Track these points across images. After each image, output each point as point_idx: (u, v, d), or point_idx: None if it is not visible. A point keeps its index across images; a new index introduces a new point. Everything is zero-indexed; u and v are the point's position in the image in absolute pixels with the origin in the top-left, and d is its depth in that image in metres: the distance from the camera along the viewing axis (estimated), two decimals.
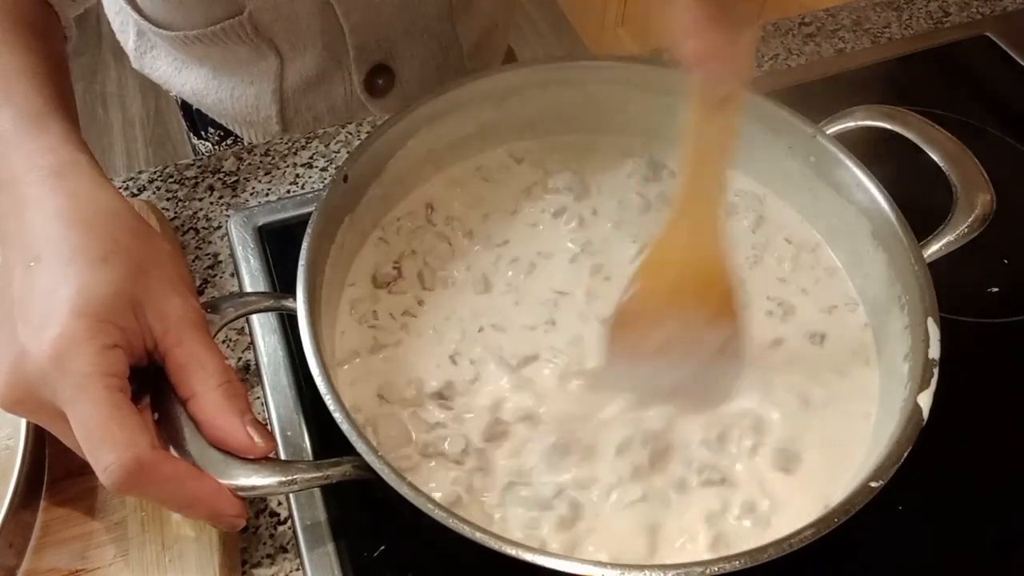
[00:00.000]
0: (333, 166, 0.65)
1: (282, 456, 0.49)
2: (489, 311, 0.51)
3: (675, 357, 0.46)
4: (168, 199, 0.63)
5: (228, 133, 0.80)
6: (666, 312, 0.46)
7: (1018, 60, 0.76)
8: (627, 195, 0.57)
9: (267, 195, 0.63)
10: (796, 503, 0.44)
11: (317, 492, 0.47)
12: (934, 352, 0.43)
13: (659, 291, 0.47)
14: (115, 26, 0.78)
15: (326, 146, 0.66)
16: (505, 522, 0.43)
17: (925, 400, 0.41)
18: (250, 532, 0.47)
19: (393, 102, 0.76)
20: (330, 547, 0.45)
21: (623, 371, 0.47)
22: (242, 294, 0.55)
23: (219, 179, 0.64)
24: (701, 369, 0.46)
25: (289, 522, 0.47)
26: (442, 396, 0.47)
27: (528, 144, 0.59)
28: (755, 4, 0.40)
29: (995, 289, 0.59)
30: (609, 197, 0.57)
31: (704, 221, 0.45)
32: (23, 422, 0.45)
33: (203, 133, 0.82)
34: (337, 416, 0.39)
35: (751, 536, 0.42)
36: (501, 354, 0.48)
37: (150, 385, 0.41)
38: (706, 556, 0.41)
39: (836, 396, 0.48)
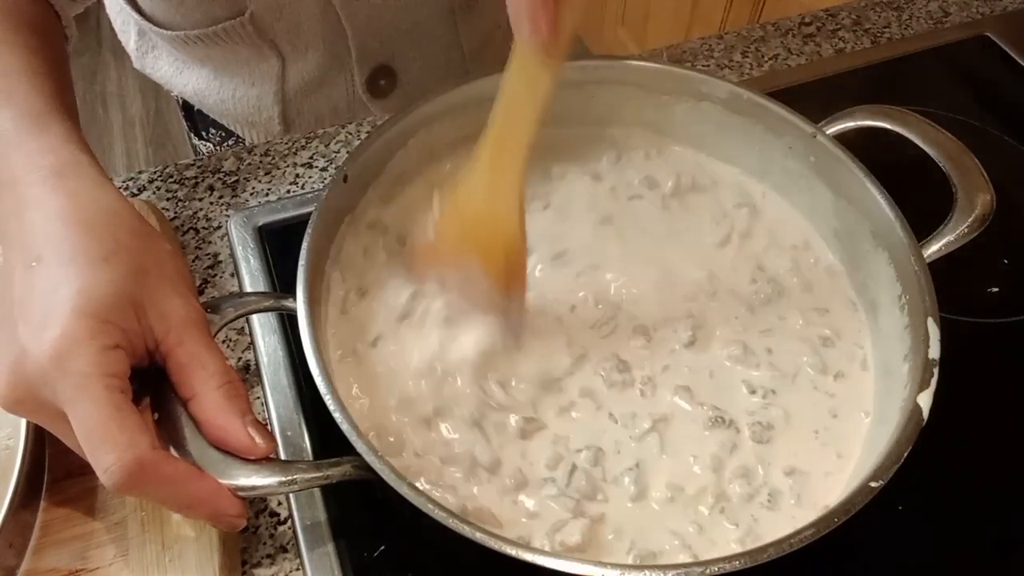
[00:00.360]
0: (333, 166, 0.65)
1: (282, 456, 0.49)
2: None
3: (464, 299, 0.47)
4: (168, 199, 0.63)
5: (229, 134, 0.80)
6: (454, 259, 0.47)
7: (1018, 60, 0.76)
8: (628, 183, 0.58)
9: (267, 195, 0.63)
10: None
11: (317, 492, 0.47)
12: (934, 352, 0.43)
13: (450, 238, 0.47)
14: (116, 26, 0.78)
15: (326, 146, 0.66)
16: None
17: (925, 400, 0.41)
18: (250, 532, 0.47)
19: (395, 103, 0.76)
20: (330, 547, 0.45)
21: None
22: (242, 294, 0.55)
23: (219, 179, 0.64)
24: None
25: (289, 522, 0.47)
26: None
27: None
28: None
29: (995, 289, 0.59)
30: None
31: (505, 181, 0.45)
32: (23, 422, 0.45)
33: (204, 134, 0.83)
34: (337, 416, 0.39)
35: None
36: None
37: (151, 385, 0.41)
38: None
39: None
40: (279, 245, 0.59)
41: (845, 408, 0.47)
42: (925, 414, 0.41)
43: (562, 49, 0.40)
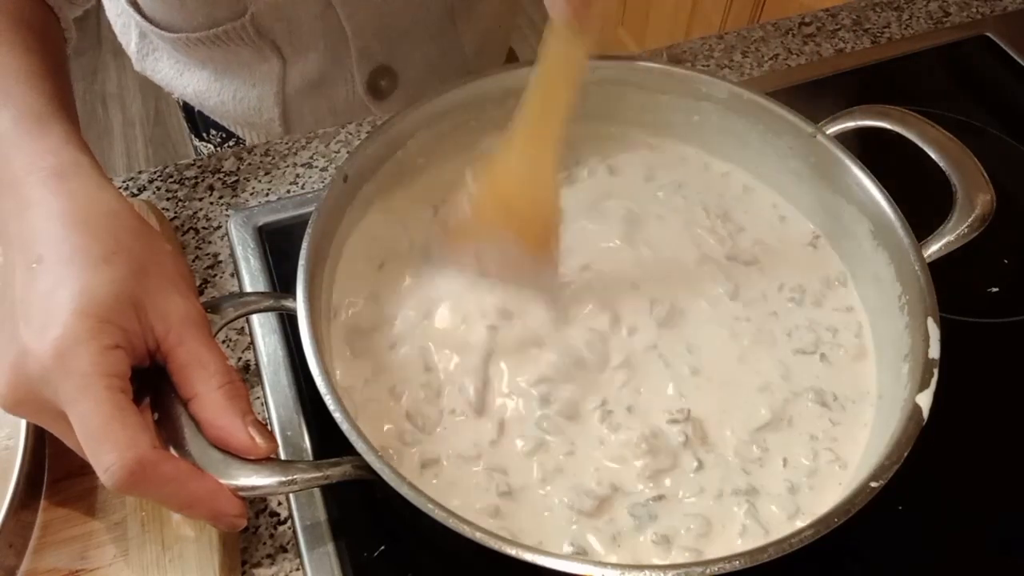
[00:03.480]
0: (333, 166, 0.65)
1: (282, 456, 0.49)
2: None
3: (499, 270, 0.49)
4: (168, 199, 0.63)
5: (230, 135, 0.80)
6: (491, 232, 0.49)
7: (1018, 60, 0.76)
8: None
9: (267, 195, 0.63)
10: None
11: (317, 492, 0.47)
12: (934, 352, 0.43)
13: (488, 211, 0.49)
14: (117, 28, 0.78)
15: (326, 146, 0.66)
16: None
17: (925, 400, 0.41)
18: (250, 532, 0.47)
19: (396, 104, 0.76)
20: (330, 547, 0.45)
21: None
22: (242, 294, 0.55)
23: (219, 179, 0.64)
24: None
25: (289, 522, 0.47)
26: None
27: None
28: None
29: (995, 289, 0.59)
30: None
31: (542, 155, 0.47)
32: (23, 422, 0.45)
33: (205, 135, 0.83)
34: (337, 416, 0.39)
35: None
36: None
37: (151, 385, 0.41)
38: None
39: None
40: (279, 245, 0.59)
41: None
42: (925, 414, 0.41)
43: (595, 22, 0.42)
